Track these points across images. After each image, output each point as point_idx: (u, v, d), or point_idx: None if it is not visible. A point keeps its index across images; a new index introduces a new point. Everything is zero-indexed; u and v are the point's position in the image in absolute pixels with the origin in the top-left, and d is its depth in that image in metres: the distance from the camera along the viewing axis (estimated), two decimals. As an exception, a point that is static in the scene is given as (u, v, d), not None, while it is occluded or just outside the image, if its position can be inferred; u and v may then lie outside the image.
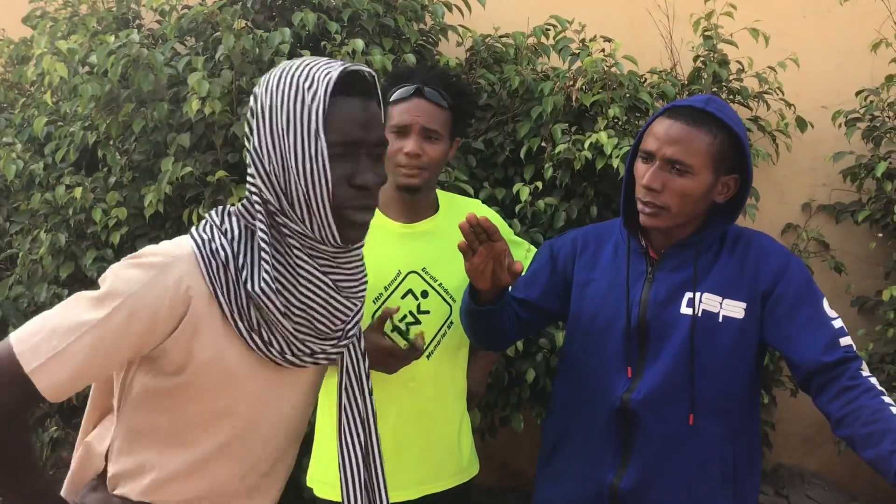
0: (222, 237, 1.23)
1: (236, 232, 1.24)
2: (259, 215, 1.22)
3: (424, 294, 1.95)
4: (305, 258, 1.25)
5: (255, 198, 1.23)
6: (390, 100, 1.92)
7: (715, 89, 2.95)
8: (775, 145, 3.07)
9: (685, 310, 1.73)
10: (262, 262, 1.22)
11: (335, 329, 1.32)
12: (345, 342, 1.38)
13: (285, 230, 1.23)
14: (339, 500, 1.95)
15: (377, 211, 1.96)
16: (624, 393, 1.75)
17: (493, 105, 2.95)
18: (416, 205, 1.98)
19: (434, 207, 2.03)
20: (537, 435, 2.04)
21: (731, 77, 2.98)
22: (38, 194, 2.73)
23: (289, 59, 2.58)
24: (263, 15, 2.83)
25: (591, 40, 2.86)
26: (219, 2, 2.70)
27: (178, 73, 2.61)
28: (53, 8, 3.16)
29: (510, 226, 2.70)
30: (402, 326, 1.95)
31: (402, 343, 1.88)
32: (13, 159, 2.71)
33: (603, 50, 2.86)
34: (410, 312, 1.94)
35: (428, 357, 1.95)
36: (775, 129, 3.05)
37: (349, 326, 1.38)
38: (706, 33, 2.94)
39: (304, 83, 1.20)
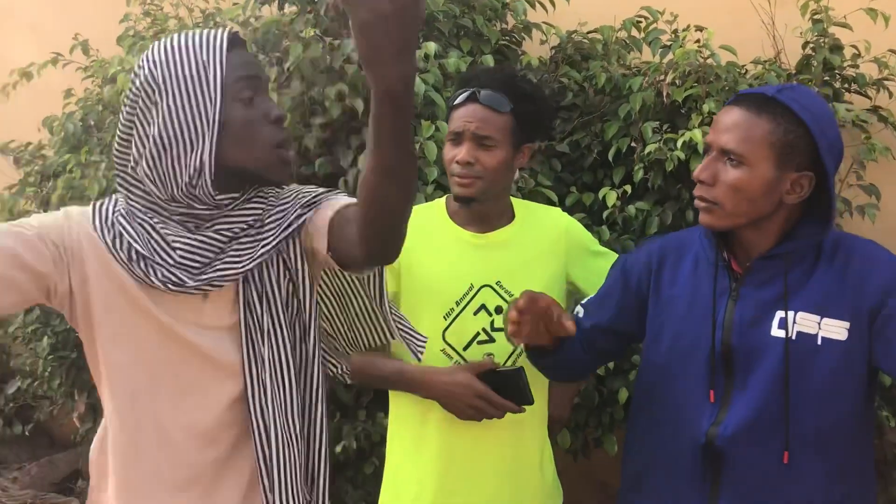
0: (108, 203, 1.34)
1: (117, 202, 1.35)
2: (118, 175, 1.32)
3: (499, 310, 1.81)
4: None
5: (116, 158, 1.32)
6: (450, 104, 1.82)
7: (827, 78, 2.67)
8: (900, 137, 2.76)
9: (777, 332, 1.51)
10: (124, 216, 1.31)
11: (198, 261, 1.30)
12: (212, 276, 1.30)
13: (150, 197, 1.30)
14: None
15: (447, 219, 1.85)
16: (710, 427, 1.55)
17: (579, 104, 2.77)
18: (487, 214, 1.85)
19: (509, 216, 1.89)
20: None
21: (846, 63, 2.69)
22: (122, 212, 2.75)
23: (360, 67, 2.55)
24: (337, 23, 2.76)
25: (683, 30, 2.65)
26: (291, 10, 2.65)
27: (252, 86, 2.56)
28: (143, 26, 3.21)
29: (598, 234, 2.52)
30: (474, 344, 1.82)
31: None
32: (98, 178, 2.74)
33: (698, 41, 2.64)
34: (484, 330, 1.81)
35: None
36: (900, 120, 2.74)
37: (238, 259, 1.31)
38: (815, 16, 2.67)
39: (198, 46, 1.28)
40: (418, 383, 1.80)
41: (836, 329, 1.49)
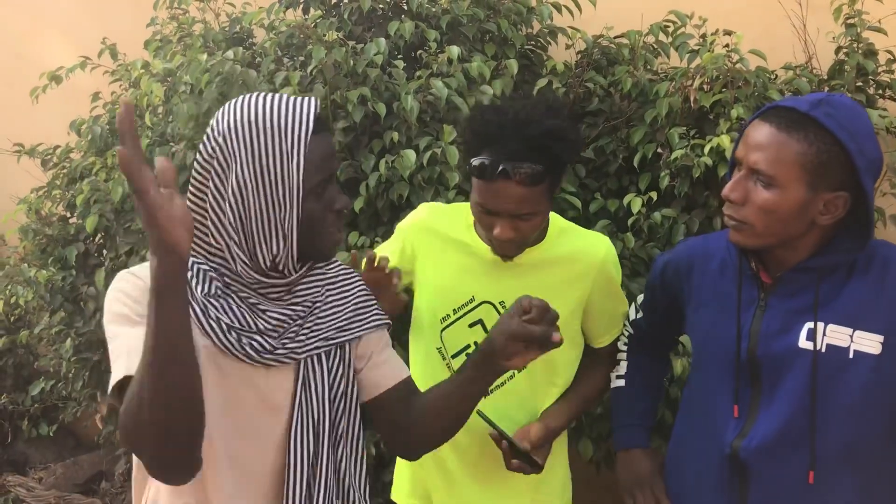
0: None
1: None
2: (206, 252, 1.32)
3: None
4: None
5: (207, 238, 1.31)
6: (470, 166, 1.60)
7: (860, 84, 2.61)
8: (936, 145, 2.69)
9: (805, 343, 1.47)
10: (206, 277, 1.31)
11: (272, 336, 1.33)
12: (299, 346, 1.34)
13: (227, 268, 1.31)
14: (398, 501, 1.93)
15: (471, 227, 1.80)
16: (734, 439, 1.52)
17: (605, 110, 2.73)
18: None
19: (539, 235, 1.77)
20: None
21: (880, 69, 2.62)
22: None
23: (382, 71, 2.54)
24: (361, 26, 2.75)
25: (712, 34, 2.60)
26: (316, 14, 2.64)
27: (276, 90, 2.56)
28: (169, 30, 3.22)
29: (623, 241, 2.48)
30: (462, 355, 1.80)
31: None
32: (121, 182, 2.75)
33: (726, 45, 2.59)
34: (476, 343, 1.77)
35: (484, 397, 1.77)
36: (934, 128, 2.66)
37: (309, 329, 1.36)
38: (848, 20, 2.61)
39: (285, 121, 1.25)
40: None
41: (869, 342, 1.44)
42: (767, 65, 2.60)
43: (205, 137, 1.29)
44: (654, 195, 2.48)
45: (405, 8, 2.77)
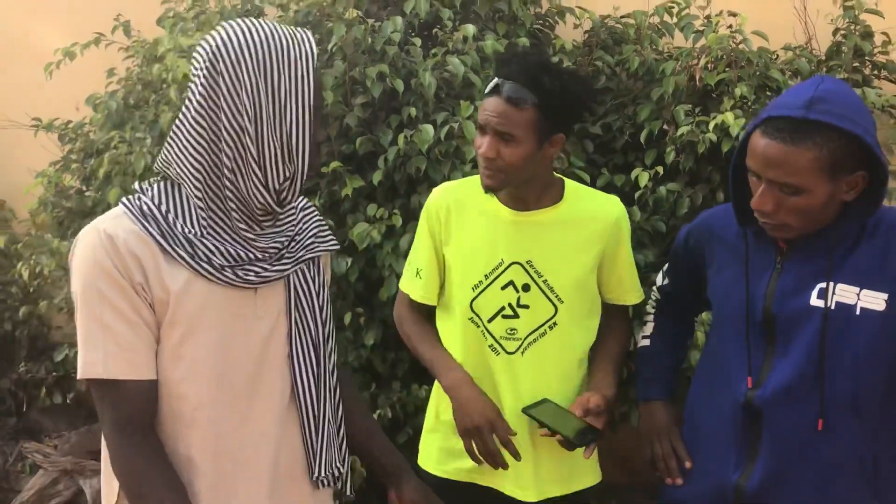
0: (144, 198, 1.36)
1: (152, 193, 1.37)
2: (194, 177, 1.34)
3: (526, 287, 1.87)
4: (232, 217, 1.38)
5: (194, 160, 1.33)
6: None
7: (856, 64, 2.72)
8: (928, 123, 2.80)
9: (816, 301, 1.59)
10: (195, 213, 1.36)
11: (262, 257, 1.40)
12: (288, 265, 1.43)
13: (223, 193, 1.35)
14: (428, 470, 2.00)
15: (491, 194, 1.92)
16: (750, 390, 1.64)
17: (612, 88, 2.83)
18: (525, 195, 1.88)
19: (554, 197, 1.90)
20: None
21: (876, 50, 2.74)
22: (166, 187, 2.84)
23: (400, 48, 2.63)
24: (377, 5, 2.83)
25: (716, 15, 2.70)
26: (333, -7, 2.72)
27: (294, 66, 2.64)
28: (183, 7, 3.28)
29: (630, 214, 2.58)
30: (499, 317, 1.89)
31: (545, 421, 1.80)
32: (143, 154, 2.83)
33: (730, 26, 2.70)
34: (509, 304, 1.87)
35: (522, 353, 1.88)
36: (928, 106, 2.78)
37: (293, 252, 1.45)
38: (846, 3, 2.72)
39: (291, 50, 1.31)
40: (448, 379, 1.89)
41: (875, 300, 1.56)
42: (769, 45, 2.70)
43: (203, 66, 1.30)
44: (659, 170, 2.59)
45: (420, -13, 2.85)
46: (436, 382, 2.01)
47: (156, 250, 1.32)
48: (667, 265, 1.99)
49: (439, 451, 1.99)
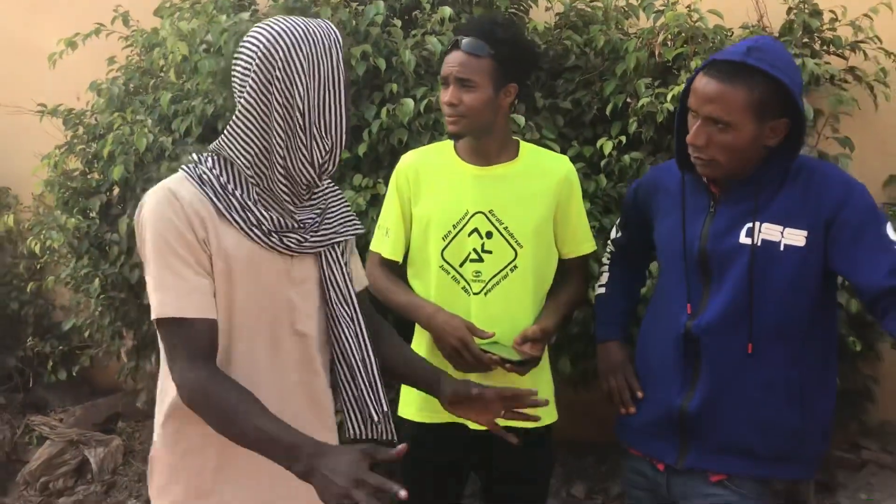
0: (202, 167, 1.55)
1: (210, 163, 1.56)
2: (247, 157, 1.52)
3: (489, 235, 2.08)
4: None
5: (247, 142, 1.51)
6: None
7: (806, 40, 2.94)
8: (873, 96, 3.02)
9: (744, 240, 1.79)
10: (246, 183, 1.54)
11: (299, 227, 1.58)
12: (323, 239, 1.61)
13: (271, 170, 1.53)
14: (408, 417, 2.16)
15: (454, 154, 2.14)
16: (688, 320, 1.84)
17: (581, 66, 3.03)
18: (486, 149, 2.10)
19: (511, 154, 2.13)
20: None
21: (824, 27, 2.95)
22: (166, 164, 3.04)
23: (382, 30, 2.83)
24: (361, -10, 3.03)
25: (675, -5, 2.91)
26: (320, -20, 2.92)
27: (284, 49, 2.83)
28: (179, -1, 3.48)
29: (596, 182, 2.80)
30: (467, 262, 2.08)
31: (496, 353, 2.00)
32: (144, 134, 3.03)
33: (688, 6, 2.90)
34: (475, 250, 2.08)
35: (486, 294, 2.08)
36: (873, 80, 2.99)
37: (322, 232, 1.62)
38: (797, -18, 2.93)
39: (328, 40, 1.53)
40: (422, 315, 2.10)
41: (796, 237, 1.76)
42: (724, 23, 2.91)
43: (256, 60, 1.48)
44: (622, 139, 2.79)
45: (400, -27, 3.05)
46: (414, 336, 2.21)
47: (212, 211, 1.50)
48: (619, 219, 2.19)
49: (419, 399, 2.14)
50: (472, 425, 2.07)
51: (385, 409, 1.68)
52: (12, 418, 4.27)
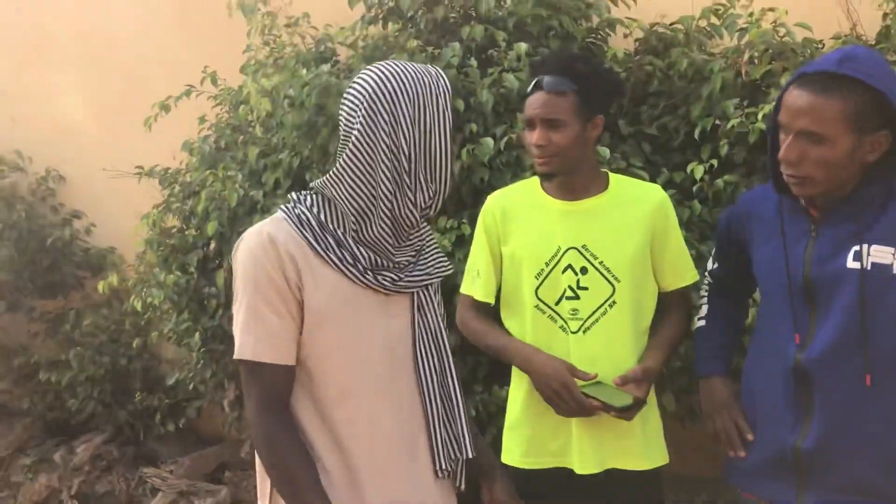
0: (301, 206, 1.56)
1: (309, 202, 1.57)
2: (352, 197, 1.53)
3: (584, 270, 2.02)
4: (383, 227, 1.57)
5: (353, 183, 1.53)
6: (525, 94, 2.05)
7: (906, 45, 2.78)
8: None
9: (852, 264, 1.68)
10: (345, 221, 1.55)
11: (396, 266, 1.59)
12: (416, 279, 1.61)
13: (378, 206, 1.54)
14: (513, 465, 2.10)
15: (541, 191, 2.11)
16: (797, 353, 1.74)
17: (665, 90, 2.96)
18: (574, 184, 2.06)
19: (600, 187, 2.09)
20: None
21: (924, 30, 2.79)
22: (258, 217, 3.10)
23: (458, 71, 2.82)
24: (436, 34, 3.05)
25: (760, 11, 2.80)
26: (395, 27, 2.95)
27: (365, 97, 2.87)
28: (263, 55, 3.58)
29: (690, 208, 2.71)
30: (563, 300, 2.04)
31: (599, 397, 1.96)
32: (235, 189, 3.10)
33: (774, 21, 2.80)
34: (570, 287, 2.03)
35: (584, 332, 2.02)
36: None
37: (416, 273, 1.62)
38: (891, -15, 2.78)
39: (434, 86, 1.53)
40: (520, 357, 2.05)
41: None
42: (813, 35, 2.79)
43: (363, 104, 1.50)
44: (714, 162, 2.70)
45: (474, 14, 3.06)
46: (512, 382, 2.17)
47: (308, 252, 1.52)
48: (714, 249, 2.10)
49: (523, 444, 2.11)
50: (578, 468, 2.01)
51: (468, 453, 1.66)
52: (126, 471, 4.41)
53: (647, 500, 2.13)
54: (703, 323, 2.09)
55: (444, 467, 1.63)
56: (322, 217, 1.54)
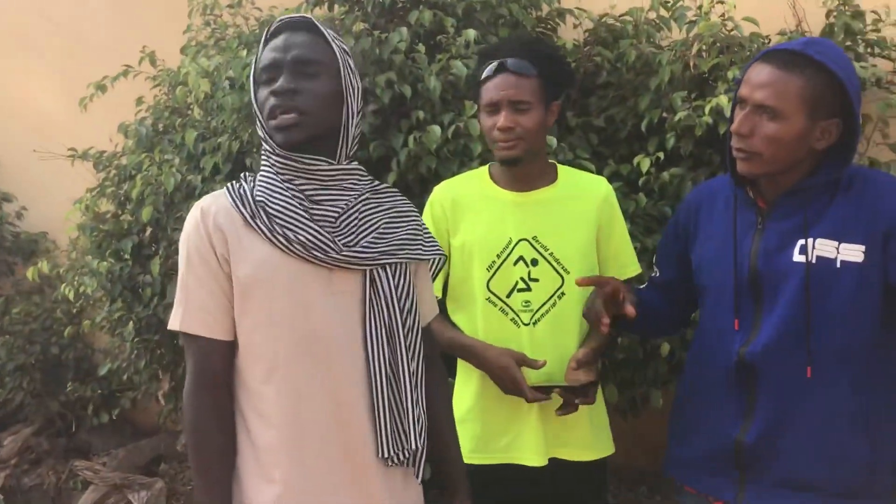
0: (243, 182, 1.58)
1: (251, 178, 1.59)
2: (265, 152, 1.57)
3: (535, 262, 1.99)
4: (278, 176, 1.56)
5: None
6: (479, 79, 1.98)
7: (849, 43, 2.80)
8: (925, 98, 2.87)
9: (798, 257, 1.67)
10: (279, 193, 1.54)
11: (325, 230, 1.53)
12: (365, 256, 1.54)
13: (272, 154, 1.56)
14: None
15: (490, 182, 2.06)
16: (741, 347, 1.73)
17: (613, 82, 2.94)
18: (526, 175, 2.03)
19: (550, 178, 2.07)
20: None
21: (868, 28, 2.82)
22: (194, 202, 2.99)
23: (406, 56, 2.76)
24: (384, 18, 2.98)
25: (708, 4, 2.80)
26: (342, 9, 2.88)
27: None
28: (204, 36, 3.47)
29: (635, 201, 2.70)
30: (515, 292, 2.00)
31: (531, 379, 1.94)
32: (172, 173, 3.00)
33: (723, 15, 2.80)
34: (521, 279, 1.99)
35: (535, 324, 1.99)
36: (923, 81, 2.85)
37: (368, 249, 1.55)
38: (835, -15, 2.81)
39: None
40: (470, 354, 2.01)
41: (853, 252, 1.64)
42: (760, 30, 2.80)
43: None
44: (661, 155, 2.69)
45: (423, -2, 3.00)
46: (458, 374, 2.13)
47: (240, 224, 1.50)
48: (656, 256, 2.04)
49: (472, 440, 2.05)
50: (528, 463, 1.99)
51: (414, 445, 1.59)
52: (57, 463, 4.26)
53: (593, 491, 2.12)
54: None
55: (388, 455, 1.56)
56: (257, 191, 1.54)
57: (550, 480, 2.02)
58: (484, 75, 1.96)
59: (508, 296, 2.00)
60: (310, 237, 1.50)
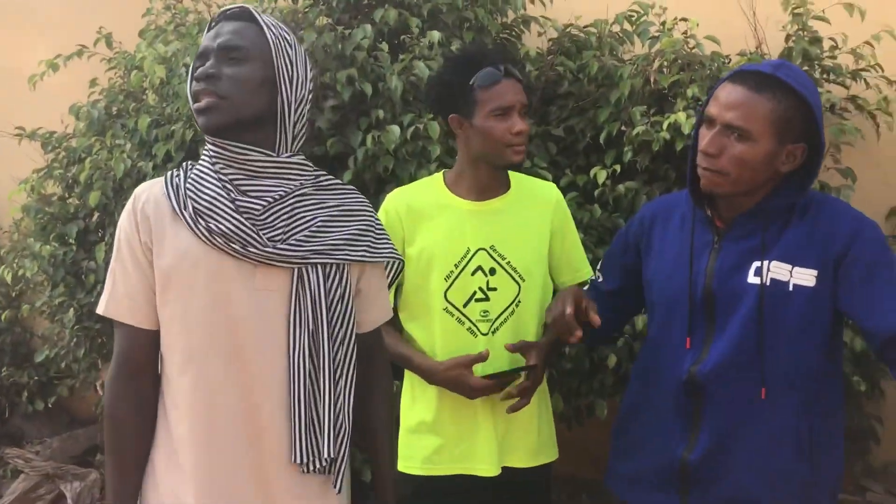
0: (181, 170, 1.57)
1: (190, 165, 1.58)
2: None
3: (493, 271, 1.98)
4: (213, 165, 1.54)
5: None
6: (476, 84, 1.93)
7: (806, 68, 2.85)
8: (876, 125, 2.93)
9: (753, 279, 1.68)
10: (209, 183, 1.52)
11: (248, 220, 1.49)
12: (293, 253, 1.50)
13: (208, 143, 1.55)
14: (412, 472, 2.04)
15: (446, 190, 2.04)
16: (692, 365, 1.73)
17: (574, 92, 2.95)
18: (487, 183, 2.01)
19: (505, 186, 2.06)
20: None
21: (824, 55, 2.87)
22: (144, 190, 2.93)
23: (369, 54, 2.74)
24: (348, 14, 2.95)
25: (671, 20, 2.83)
26: (306, 2, 2.84)
27: (268, 72, 2.74)
28: (164, 20, 3.40)
29: (590, 212, 2.71)
30: (472, 302, 1.98)
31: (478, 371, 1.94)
32: (123, 158, 2.93)
33: (685, 32, 2.83)
34: (480, 289, 1.98)
35: (493, 333, 1.98)
36: (875, 108, 2.91)
37: (295, 247, 1.50)
38: (796, 10, 2.85)
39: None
40: (421, 372, 1.99)
41: (805, 276, 1.65)
42: (721, 50, 2.83)
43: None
44: (616, 168, 2.70)
45: (389, -3, 2.97)
46: (405, 383, 2.11)
47: (167, 212, 1.49)
48: (601, 263, 2.03)
49: (426, 450, 2.02)
50: (480, 472, 1.99)
51: (328, 453, 1.53)
52: (-13, 450, 4.13)
53: (540, 496, 2.12)
54: None
55: (301, 461, 1.51)
56: (187, 181, 1.53)
57: (498, 488, 2.01)
58: (489, 80, 1.93)
59: (465, 305, 1.98)
60: (231, 229, 1.46)
